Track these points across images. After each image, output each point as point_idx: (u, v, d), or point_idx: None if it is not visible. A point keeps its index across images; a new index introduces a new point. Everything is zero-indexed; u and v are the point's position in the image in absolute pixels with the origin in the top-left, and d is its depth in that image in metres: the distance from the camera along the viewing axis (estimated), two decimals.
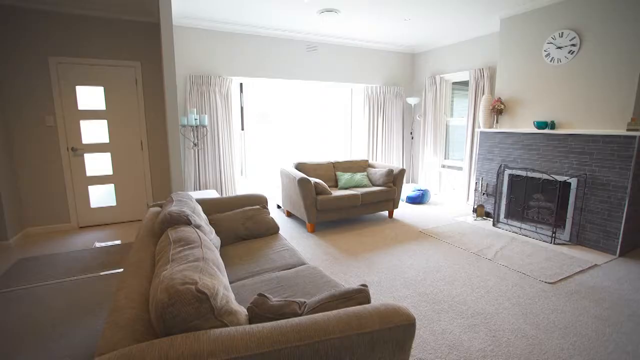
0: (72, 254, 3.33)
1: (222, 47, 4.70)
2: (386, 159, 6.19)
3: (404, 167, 5.99)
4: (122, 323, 0.97)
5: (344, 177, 4.45)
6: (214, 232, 2.29)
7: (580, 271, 2.93)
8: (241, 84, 5.18)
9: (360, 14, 4.17)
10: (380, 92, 5.92)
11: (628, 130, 3.07)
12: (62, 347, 1.94)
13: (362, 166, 4.85)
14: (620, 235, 3.20)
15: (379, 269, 2.97)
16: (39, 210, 3.97)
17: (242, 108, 5.26)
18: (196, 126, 4.52)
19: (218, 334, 0.92)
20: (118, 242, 3.68)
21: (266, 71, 5.03)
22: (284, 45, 5.09)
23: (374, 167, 4.84)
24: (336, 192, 4.08)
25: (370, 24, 4.63)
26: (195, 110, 4.36)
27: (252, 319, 1.15)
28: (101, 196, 4.30)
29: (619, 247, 3.23)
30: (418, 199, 5.27)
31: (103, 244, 3.60)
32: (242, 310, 1.16)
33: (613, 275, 2.87)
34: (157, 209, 2.32)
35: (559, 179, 3.61)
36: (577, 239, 3.55)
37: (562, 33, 3.62)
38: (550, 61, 3.76)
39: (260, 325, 1.00)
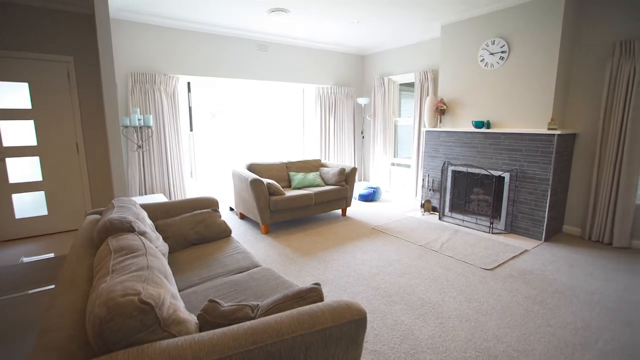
0: None
1: (168, 44, 4.46)
2: (338, 158, 6.31)
3: (356, 166, 6.15)
4: (54, 345, 0.88)
5: (297, 177, 4.46)
6: (162, 238, 2.18)
7: (514, 257, 3.24)
8: (189, 83, 4.96)
9: (310, 14, 4.20)
10: (331, 92, 6.02)
11: (548, 129, 3.45)
12: None
13: (315, 166, 4.90)
14: (545, 223, 3.59)
15: (334, 267, 3.03)
16: None
17: (190, 108, 5.04)
18: (140, 127, 4.25)
19: (165, 345, 0.88)
20: (51, 255, 3.34)
21: (215, 70, 4.87)
22: (234, 44, 4.97)
23: (327, 167, 4.91)
24: (289, 193, 4.08)
25: (320, 25, 4.68)
26: (138, 110, 4.10)
27: (202, 327, 1.11)
28: (29, 205, 3.87)
29: (544, 233, 3.61)
30: (370, 197, 5.44)
31: (32, 259, 3.24)
32: (192, 319, 1.12)
33: (540, 258, 3.20)
34: (96, 216, 2.15)
35: (495, 174, 3.94)
36: (511, 228, 3.91)
37: (494, 41, 3.96)
38: (485, 66, 4.09)
39: (210, 332, 0.97)
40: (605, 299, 2.48)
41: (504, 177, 3.90)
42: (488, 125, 4.04)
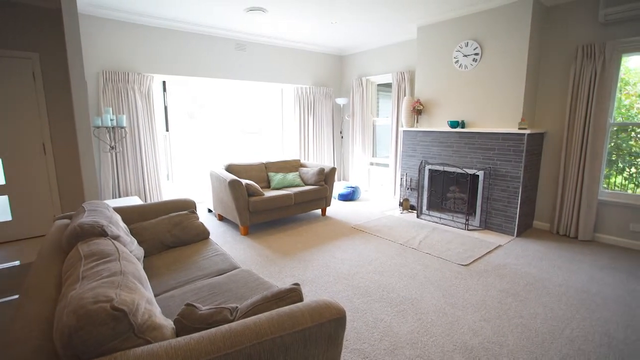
0: None
1: (142, 42, 4.33)
2: (318, 158, 6.32)
3: (335, 166, 6.18)
4: (18, 359, 0.84)
5: (277, 177, 4.43)
6: (136, 242, 2.11)
7: (488, 252, 3.35)
8: (164, 82, 4.83)
9: (288, 14, 4.19)
10: (310, 92, 6.02)
11: (519, 128, 3.59)
12: None
13: (294, 166, 4.89)
14: (517, 219, 3.74)
15: (314, 267, 3.03)
16: None
17: (165, 108, 4.91)
18: (113, 127, 4.10)
19: (139, 352, 0.86)
20: (16, 263, 3.17)
21: (192, 69, 4.77)
22: (211, 43, 4.88)
23: (306, 167, 4.91)
24: (269, 193, 4.05)
25: (298, 25, 4.67)
26: (111, 109, 3.95)
27: (179, 332, 1.09)
28: None
29: (515, 229, 3.76)
30: (349, 196, 5.48)
31: None
32: (169, 324, 1.10)
33: (512, 253, 3.33)
34: (65, 221, 2.06)
35: (470, 172, 4.06)
36: (485, 225, 4.04)
37: (467, 43, 4.08)
38: (459, 67, 4.21)
39: (187, 337, 0.95)
40: (571, 290, 2.61)
41: (478, 176, 4.02)
42: (463, 125, 4.16)
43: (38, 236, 3.91)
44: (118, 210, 2.46)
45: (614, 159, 3.61)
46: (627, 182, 3.59)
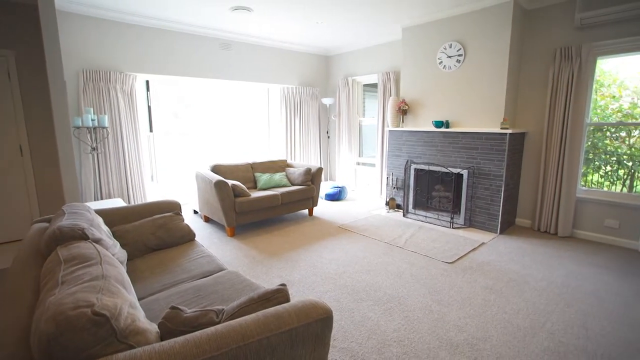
0: None
1: (124, 40, 4.23)
2: (304, 159, 6.32)
3: (322, 166, 6.19)
4: None
5: (263, 177, 4.41)
6: (119, 245, 2.07)
7: (472, 250, 3.42)
8: (147, 82, 4.74)
9: (273, 14, 4.17)
10: (296, 92, 6.01)
11: (501, 128, 3.68)
12: None
13: (280, 166, 4.87)
14: (500, 217, 3.82)
15: (301, 267, 3.03)
16: None
17: (149, 107, 4.82)
18: (94, 127, 4.00)
19: (121, 358, 0.84)
20: None
21: (176, 69, 4.69)
22: (196, 41, 4.81)
23: (293, 167, 4.90)
24: (255, 194, 4.02)
25: (284, 25, 4.66)
26: (92, 109, 3.85)
27: (164, 336, 1.07)
28: None
29: (499, 226, 3.85)
30: (336, 196, 5.50)
31: None
32: (153, 328, 1.08)
33: (495, 250, 3.41)
34: (44, 224, 2.00)
35: (454, 171, 4.14)
36: (469, 223, 4.12)
37: (451, 44, 4.15)
38: (443, 68, 4.28)
39: (172, 340, 0.94)
40: (552, 285, 2.69)
41: (462, 174, 4.10)
42: (447, 125, 4.23)
43: (15, 240, 3.77)
44: (100, 212, 2.40)
45: (590, 157, 3.74)
46: (603, 179, 3.73)
